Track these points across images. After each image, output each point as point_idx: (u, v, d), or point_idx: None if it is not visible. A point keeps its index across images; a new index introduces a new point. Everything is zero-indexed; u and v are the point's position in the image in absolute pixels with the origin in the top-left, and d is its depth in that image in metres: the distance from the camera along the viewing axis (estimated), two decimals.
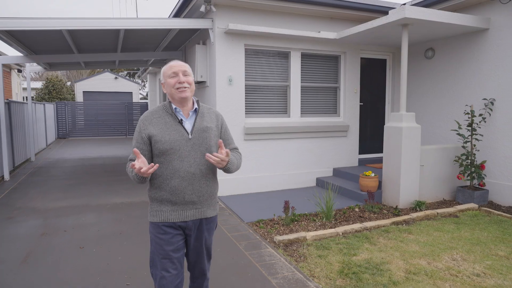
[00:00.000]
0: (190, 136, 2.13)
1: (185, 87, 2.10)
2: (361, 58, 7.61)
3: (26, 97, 15.12)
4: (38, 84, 27.10)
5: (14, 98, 15.93)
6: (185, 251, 2.28)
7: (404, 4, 6.27)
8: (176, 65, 2.13)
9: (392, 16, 5.46)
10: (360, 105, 7.67)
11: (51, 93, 22.24)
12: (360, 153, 7.73)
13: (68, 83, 28.22)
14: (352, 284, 3.29)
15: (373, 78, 7.86)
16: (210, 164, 2.18)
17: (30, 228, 4.75)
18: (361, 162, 7.66)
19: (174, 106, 2.15)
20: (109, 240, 4.31)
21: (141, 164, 1.94)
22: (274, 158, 6.79)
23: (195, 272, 2.37)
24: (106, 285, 3.25)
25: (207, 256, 2.35)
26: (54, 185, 7.33)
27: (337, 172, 7.17)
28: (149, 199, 2.20)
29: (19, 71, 16.46)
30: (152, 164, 1.95)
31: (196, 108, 2.21)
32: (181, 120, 2.15)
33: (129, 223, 4.93)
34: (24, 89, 24.32)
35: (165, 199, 2.13)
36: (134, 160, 2.09)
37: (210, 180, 2.21)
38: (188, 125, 2.16)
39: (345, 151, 7.42)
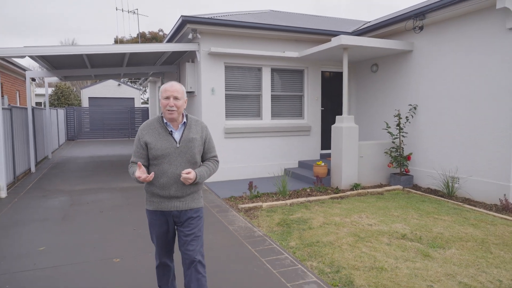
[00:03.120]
0: (178, 145, 2.54)
1: (173, 110, 2.49)
2: (322, 72, 9.33)
3: (43, 103, 16.69)
4: (48, 91, 28.87)
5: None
6: (174, 236, 2.72)
7: (366, 22, 7.96)
8: (170, 89, 2.50)
9: (333, 42, 7.18)
10: (322, 109, 9.38)
11: (60, 99, 24.08)
12: (322, 148, 9.44)
13: (74, 89, 29.99)
14: (283, 229, 4.97)
15: (333, 87, 9.57)
16: (193, 167, 2.61)
17: (61, 202, 6.46)
18: (322, 156, 9.36)
19: (165, 121, 2.58)
20: (120, 208, 6.02)
21: (141, 173, 2.40)
22: (249, 152, 8.49)
23: (186, 260, 2.58)
24: (121, 229, 4.95)
25: (194, 241, 2.59)
26: (72, 175, 9.05)
27: (301, 163, 8.87)
28: (145, 191, 2.68)
29: (33, 79, 18.24)
30: (152, 174, 2.45)
31: (184, 122, 2.62)
32: (171, 131, 2.57)
33: (134, 199, 6.64)
34: (37, 95, 26.15)
35: (156, 193, 2.58)
36: (135, 163, 2.59)
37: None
38: (177, 135, 2.57)
39: (309, 147, 9.13)
